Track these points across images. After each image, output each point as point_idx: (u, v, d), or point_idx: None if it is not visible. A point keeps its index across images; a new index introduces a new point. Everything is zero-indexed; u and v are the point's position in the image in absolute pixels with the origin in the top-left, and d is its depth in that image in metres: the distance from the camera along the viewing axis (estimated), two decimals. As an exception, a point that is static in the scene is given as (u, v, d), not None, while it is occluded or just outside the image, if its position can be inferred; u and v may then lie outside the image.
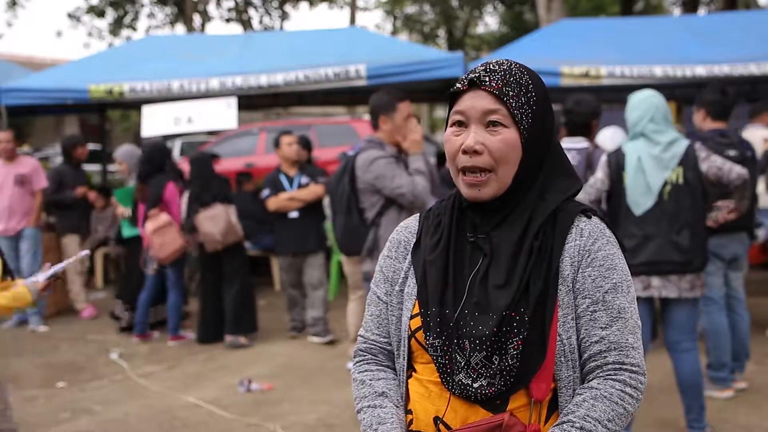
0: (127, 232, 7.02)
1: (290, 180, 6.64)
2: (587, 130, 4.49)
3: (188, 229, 6.51)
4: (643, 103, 3.97)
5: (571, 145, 4.48)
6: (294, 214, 6.55)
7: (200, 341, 6.65)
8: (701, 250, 3.87)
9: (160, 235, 6.43)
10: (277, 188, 6.60)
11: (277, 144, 6.74)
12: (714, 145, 4.72)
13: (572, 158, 4.36)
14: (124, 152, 7.23)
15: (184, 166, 8.93)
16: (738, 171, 3.88)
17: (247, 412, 4.88)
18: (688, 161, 3.85)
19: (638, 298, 3.43)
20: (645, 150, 3.88)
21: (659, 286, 3.85)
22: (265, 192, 6.64)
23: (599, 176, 4.02)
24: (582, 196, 3.78)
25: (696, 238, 3.83)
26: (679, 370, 4.02)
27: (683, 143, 3.89)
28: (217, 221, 6.39)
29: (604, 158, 4.07)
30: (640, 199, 3.89)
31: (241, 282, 6.56)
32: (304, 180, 6.64)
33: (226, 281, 6.59)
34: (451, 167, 1.57)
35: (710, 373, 4.86)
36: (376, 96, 4.58)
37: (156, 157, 6.71)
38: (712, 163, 3.88)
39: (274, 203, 6.56)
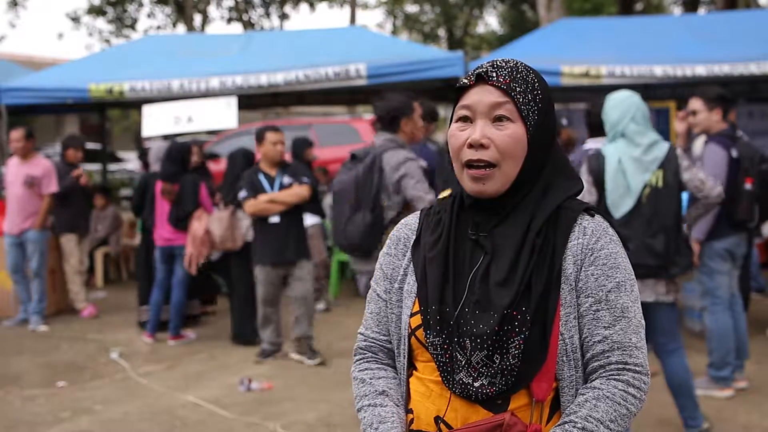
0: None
1: (270, 180, 5.89)
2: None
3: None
4: (623, 103, 3.91)
5: (597, 144, 4.51)
6: (275, 219, 5.80)
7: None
8: (676, 255, 3.80)
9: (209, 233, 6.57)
10: (256, 190, 5.84)
11: (259, 139, 5.94)
12: (750, 146, 4.75)
13: None
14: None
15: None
16: (719, 191, 3.91)
17: (247, 412, 4.88)
18: (669, 164, 3.81)
19: None
20: (626, 152, 3.84)
21: None
22: (243, 194, 5.86)
23: (584, 187, 3.97)
24: None
25: (671, 242, 3.78)
26: (668, 371, 4.03)
27: (664, 145, 3.86)
28: (220, 224, 6.42)
29: (584, 166, 4.04)
30: (619, 201, 3.84)
31: (244, 290, 6.55)
32: (286, 180, 5.88)
33: (236, 287, 6.67)
34: (456, 162, 1.55)
35: (711, 372, 4.85)
36: (392, 99, 4.50)
37: (182, 157, 6.81)
38: (694, 175, 3.86)
39: (252, 206, 5.80)
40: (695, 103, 4.82)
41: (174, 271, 6.74)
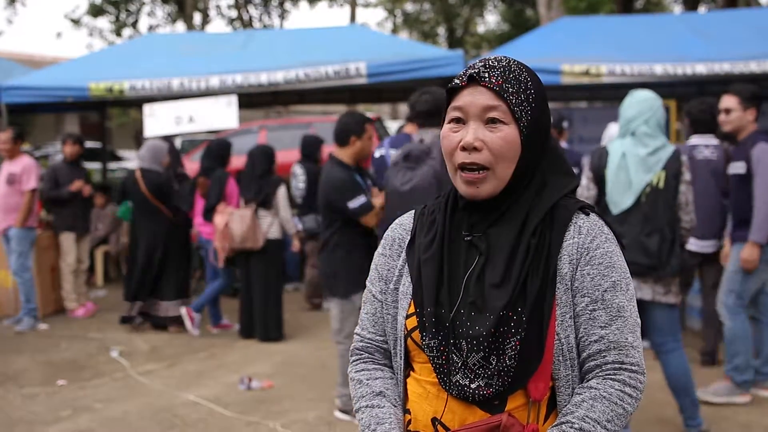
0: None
1: (365, 182, 4.71)
2: (714, 127, 4.92)
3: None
4: (643, 104, 3.91)
5: (703, 141, 4.98)
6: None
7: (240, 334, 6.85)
8: (669, 257, 3.78)
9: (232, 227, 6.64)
10: (366, 194, 4.57)
11: (359, 131, 4.59)
12: None
13: (710, 153, 5.02)
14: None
15: (185, 164, 8.93)
16: (693, 225, 3.92)
17: (248, 410, 4.88)
18: (672, 166, 3.82)
19: None
20: (631, 149, 3.84)
21: (635, 286, 3.79)
22: (361, 200, 4.46)
23: (583, 183, 3.97)
24: None
25: (664, 244, 3.77)
26: (667, 371, 4.03)
27: (670, 148, 3.87)
28: (242, 222, 6.41)
29: (587, 162, 4.04)
30: (618, 197, 3.84)
31: (264, 287, 6.54)
32: (368, 182, 4.76)
33: (252, 283, 6.66)
34: (449, 164, 1.54)
35: (735, 377, 4.65)
36: (434, 92, 4.27)
37: (218, 153, 7.02)
38: (686, 195, 3.85)
39: (376, 216, 4.50)
40: (729, 101, 4.61)
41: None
